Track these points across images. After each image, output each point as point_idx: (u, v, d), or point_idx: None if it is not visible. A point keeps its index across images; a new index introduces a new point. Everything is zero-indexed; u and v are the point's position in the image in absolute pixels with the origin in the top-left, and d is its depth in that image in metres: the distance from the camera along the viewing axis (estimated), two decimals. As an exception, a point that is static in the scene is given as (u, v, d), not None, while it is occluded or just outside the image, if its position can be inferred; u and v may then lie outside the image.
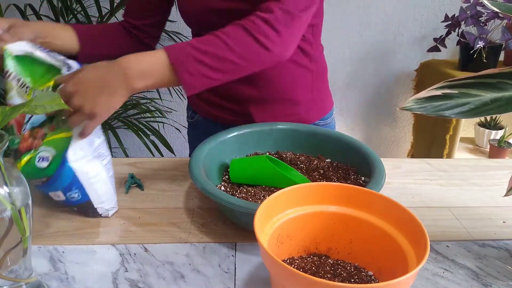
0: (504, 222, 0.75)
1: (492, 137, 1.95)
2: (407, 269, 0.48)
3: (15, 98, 0.72)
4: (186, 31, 1.88)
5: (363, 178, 0.75)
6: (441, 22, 1.81)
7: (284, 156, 0.83)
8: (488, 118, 1.98)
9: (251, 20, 0.72)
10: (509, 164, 0.97)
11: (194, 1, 0.86)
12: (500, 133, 1.93)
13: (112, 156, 0.63)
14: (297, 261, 0.58)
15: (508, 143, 1.87)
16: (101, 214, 0.73)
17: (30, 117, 0.72)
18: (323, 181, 0.75)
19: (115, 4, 1.67)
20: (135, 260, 0.63)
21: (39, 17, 1.61)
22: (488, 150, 1.95)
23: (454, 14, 1.75)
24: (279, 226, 0.56)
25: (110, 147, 1.67)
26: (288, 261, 0.58)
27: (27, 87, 0.72)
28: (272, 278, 0.51)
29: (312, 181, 0.75)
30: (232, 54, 0.70)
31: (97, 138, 0.73)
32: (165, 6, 0.97)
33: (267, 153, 0.84)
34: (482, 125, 2.00)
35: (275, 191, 0.69)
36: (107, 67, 0.67)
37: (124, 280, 0.59)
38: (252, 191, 0.71)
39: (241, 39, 0.71)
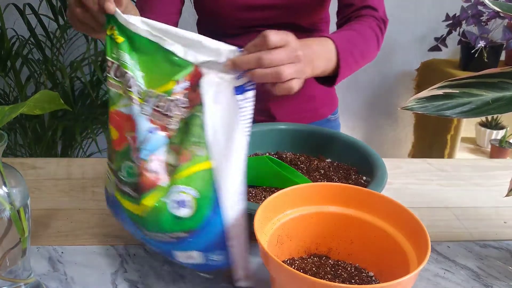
0: (505, 223, 0.75)
1: (493, 137, 1.95)
2: (408, 270, 0.48)
3: (130, 106, 0.50)
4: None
5: (364, 178, 0.74)
6: (442, 21, 1.81)
7: (284, 156, 0.82)
8: (489, 118, 1.98)
9: (371, 23, 0.80)
10: (510, 164, 0.97)
11: None
12: (501, 133, 1.93)
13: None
14: (297, 262, 0.57)
15: (509, 143, 1.86)
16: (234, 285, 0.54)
17: (144, 141, 0.50)
18: (324, 181, 0.75)
19: (115, 3, 1.66)
20: (135, 261, 0.62)
21: (38, 17, 1.61)
22: (489, 150, 1.95)
23: (455, 14, 1.75)
24: (279, 226, 0.56)
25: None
26: (288, 261, 0.57)
27: (139, 88, 0.50)
28: (272, 278, 0.51)
29: (313, 181, 0.75)
30: (367, 50, 0.78)
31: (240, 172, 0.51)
32: (175, 9, 0.89)
33: (267, 153, 0.84)
34: (483, 125, 1.99)
35: (276, 191, 0.69)
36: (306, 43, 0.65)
37: (123, 281, 0.58)
38: (253, 192, 0.71)
39: (370, 38, 0.79)
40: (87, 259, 0.62)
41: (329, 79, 0.74)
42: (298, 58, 0.57)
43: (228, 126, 0.49)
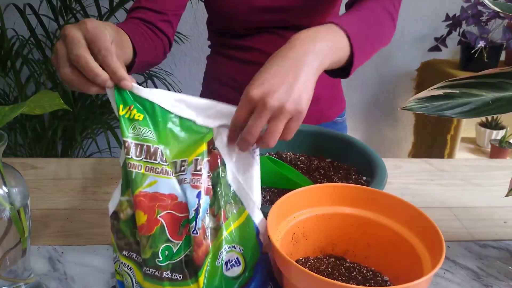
0: (505, 223, 0.75)
1: (493, 137, 1.95)
2: (422, 274, 0.46)
3: (161, 181, 0.47)
4: (185, 30, 1.88)
5: (364, 178, 0.74)
6: (442, 21, 1.81)
7: (284, 156, 0.82)
8: (489, 118, 1.98)
9: (385, 3, 0.75)
10: (510, 164, 0.97)
11: (239, 0, 0.83)
12: (501, 133, 1.93)
13: (112, 156, 0.58)
14: (311, 261, 0.57)
15: (509, 143, 1.86)
16: None
17: (197, 209, 0.47)
18: (324, 181, 0.75)
19: (115, 3, 1.66)
20: (135, 260, 0.62)
21: (38, 17, 1.61)
22: (489, 150, 1.95)
23: (455, 14, 1.75)
24: (295, 224, 0.55)
25: (109, 147, 1.66)
26: (303, 260, 0.57)
27: (167, 159, 0.49)
28: (284, 277, 0.50)
29: (313, 181, 0.75)
30: (383, 33, 0.73)
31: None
32: (182, 3, 0.86)
33: (267, 153, 0.84)
34: (483, 125, 1.99)
35: (276, 192, 0.69)
36: (287, 52, 0.55)
37: (123, 281, 0.58)
38: (252, 191, 0.71)
39: (385, 19, 0.74)
40: (87, 258, 0.62)
41: (343, 70, 0.68)
42: (281, 108, 0.51)
43: (247, 175, 0.52)
